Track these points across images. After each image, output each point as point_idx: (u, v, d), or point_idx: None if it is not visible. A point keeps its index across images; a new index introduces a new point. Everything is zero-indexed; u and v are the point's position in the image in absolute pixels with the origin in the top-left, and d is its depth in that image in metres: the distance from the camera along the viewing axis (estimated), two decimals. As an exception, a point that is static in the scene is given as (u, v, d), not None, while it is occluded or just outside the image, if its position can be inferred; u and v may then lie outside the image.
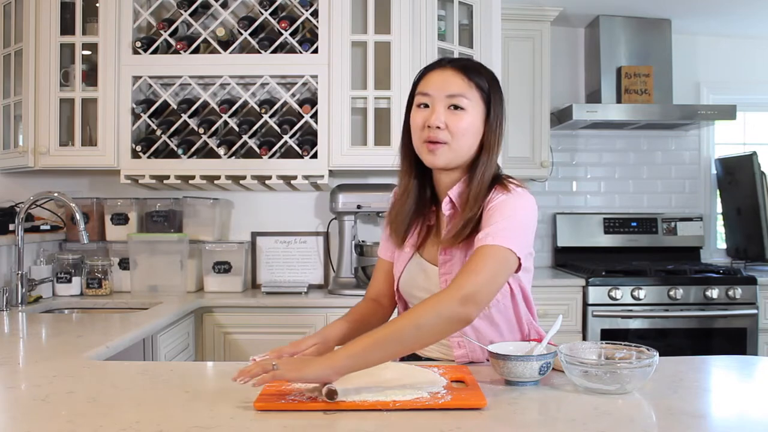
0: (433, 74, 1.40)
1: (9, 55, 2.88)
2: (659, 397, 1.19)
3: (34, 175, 3.02)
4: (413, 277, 1.49)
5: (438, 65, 1.42)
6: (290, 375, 1.13)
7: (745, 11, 3.58)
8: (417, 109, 1.40)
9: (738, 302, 3.23)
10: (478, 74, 1.40)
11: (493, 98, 1.40)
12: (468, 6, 2.98)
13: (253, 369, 1.13)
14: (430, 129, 1.36)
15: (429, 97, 1.38)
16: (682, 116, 3.53)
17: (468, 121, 1.37)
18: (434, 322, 1.20)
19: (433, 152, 1.37)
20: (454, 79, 1.38)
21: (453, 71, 1.38)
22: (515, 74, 3.48)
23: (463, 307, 1.21)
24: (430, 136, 1.36)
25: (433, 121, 1.35)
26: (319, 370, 1.14)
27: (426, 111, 1.38)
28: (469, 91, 1.37)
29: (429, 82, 1.39)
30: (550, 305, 3.20)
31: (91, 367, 1.46)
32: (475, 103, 1.38)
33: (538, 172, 3.55)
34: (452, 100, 1.36)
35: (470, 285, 1.22)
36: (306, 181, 2.81)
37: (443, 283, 1.40)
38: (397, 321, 1.22)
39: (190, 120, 2.79)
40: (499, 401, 1.17)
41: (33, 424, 1.07)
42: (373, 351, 1.17)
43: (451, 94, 1.36)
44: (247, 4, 2.89)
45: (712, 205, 4.02)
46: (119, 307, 2.64)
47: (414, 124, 1.40)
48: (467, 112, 1.37)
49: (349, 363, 1.15)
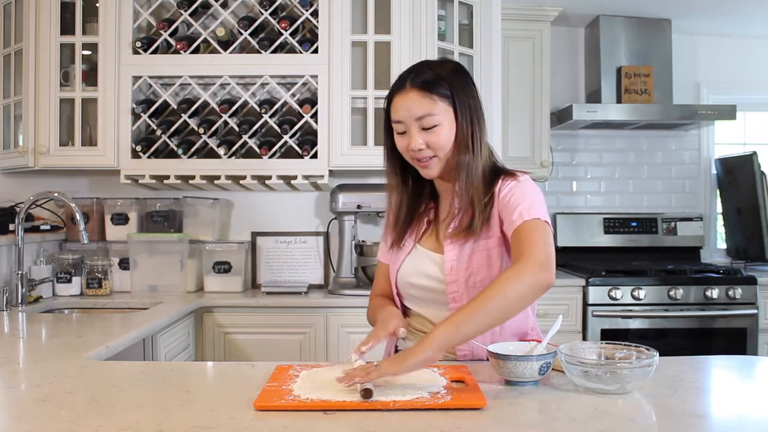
0: (398, 99, 1.43)
1: (9, 55, 2.88)
2: (659, 397, 1.19)
3: (34, 175, 3.02)
4: (416, 265, 1.51)
5: (400, 87, 1.43)
6: (394, 369, 1.19)
7: (745, 11, 3.58)
8: (398, 135, 1.46)
9: (738, 302, 3.23)
10: (438, 84, 1.41)
11: (458, 98, 1.42)
12: (468, 6, 2.98)
13: (358, 372, 1.18)
14: (414, 152, 1.42)
15: (402, 124, 1.43)
16: (682, 116, 3.53)
17: (444, 135, 1.42)
18: (520, 290, 1.26)
19: (426, 167, 1.45)
20: (418, 102, 1.40)
21: (415, 92, 1.40)
22: (515, 74, 3.48)
23: (543, 273, 1.28)
24: (417, 157, 1.44)
25: (414, 146, 1.41)
26: (420, 356, 1.20)
27: (405, 136, 1.44)
28: (434, 107, 1.40)
29: (397, 109, 1.43)
30: (550, 305, 3.20)
31: (91, 367, 1.46)
32: (444, 113, 1.41)
33: (538, 172, 3.55)
34: (422, 123, 1.41)
35: (540, 253, 1.29)
36: (306, 181, 2.81)
37: (449, 270, 1.44)
38: (483, 293, 1.26)
39: (190, 120, 2.79)
40: (499, 401, 1.17)
41: (33, 424, 1.07)
42: (465, 324, 1.23)
43: (419, 116, 1.40)
44: (247, 4, 2.89)
45: (712, 205, 4.02)
46: (119, 307, 2.64)
47: (400, 149, 1.47)
48: (441, 126, 1.41)
49: (445, 339, 1.21)
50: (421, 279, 1.50)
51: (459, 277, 1.44)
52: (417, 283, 1.51)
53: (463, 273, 1.44)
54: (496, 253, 1.44)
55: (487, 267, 1.44)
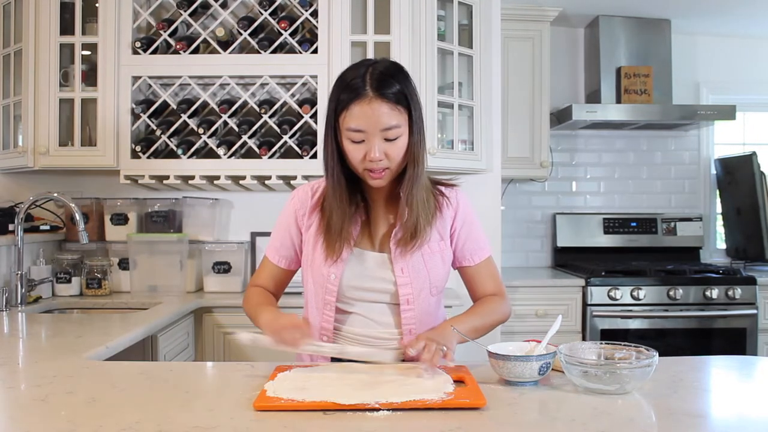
0: (360, 108, 1.36)
1: (9, 55, 2.87)
2: (659, 397, 1.19)
3: (33, 175, 3.02)
4: (363, 269, 1.49)
5: (361, 95, 1.36)
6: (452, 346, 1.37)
7: (745, 11, 3.58)
8: (352, 144, 1.39)
9: (738, 302, 3.23)
10: (403, 95, 1.39)
11: (414, 110, 1.41)
12: (468, 6, 2.98)
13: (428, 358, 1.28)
14: (372, 162, 1.38)
15: (362, 134, 1.38)
16: (682, 116, 3.53)
17: (401, 144, 1.41)
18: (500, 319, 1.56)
19: (379, 178, 1.42)
20: (388, 114, 1.37)
21: (380, 103, 1.36)
22: (515, 74, 3.48)
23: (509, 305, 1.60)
24: (373, 168, 1.40)
25: (375, 157, 1.37)
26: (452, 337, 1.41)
27: (362, 146, 1.39)
28: (399, 117, 1.39)
29: (359, 118, 1.37)
30: (550, 305, 3.21)
31: (91, 367, 1.46)
32: (404, 124, 1.40)
33: (537, 172, 3.55)
34: (387, 134, 1.38)
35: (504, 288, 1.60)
36: (306, 181, 2.80)
37: (399, 272, 1.47)
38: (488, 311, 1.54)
39: (190, 120, 2.79)
40: (499, 401, 1.17)
41: (33, 424, 1.07)
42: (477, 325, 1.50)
43: (386, 128, 1.37)
44: (247, 5, 2.88)
45: (711, 205, 4.02)
46: (119, 307, 2.64)
47: (352, 156, 1.40)
48: (402, 137, 1.40)
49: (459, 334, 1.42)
50: (370, 282, 1.48)
51: (412, 280, 1.47)
52: (364, 286, 1.49)
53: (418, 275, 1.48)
54: (448, 255, 1.53)
55: (443, 266, 1.52)
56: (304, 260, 1.56)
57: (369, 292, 1.49)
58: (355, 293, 1.50)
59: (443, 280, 1.54)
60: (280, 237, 1.59)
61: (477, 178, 3.05)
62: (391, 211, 1.52)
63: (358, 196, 1.50)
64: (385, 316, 1.49)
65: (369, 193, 1.52)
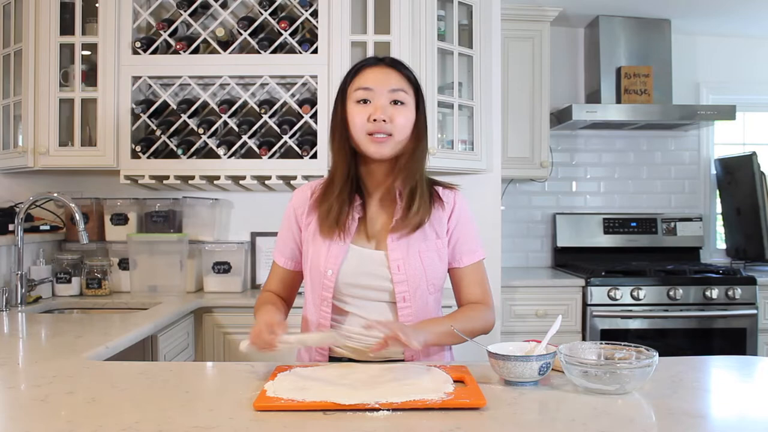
0: (371, 70, 1.46)
1: (9, 55, 2.87)
2: (659, 397, 1.19)
3: (33, 175, 3.02)
4: (360, 265, 1.49)
5: (373, 62, 1.48)
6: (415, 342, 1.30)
7: (745, 11, 3.58)
8: (357, 104, 1.44)
9: (737, 302, 3.24)
10: (408, 70, 1.50)
11: (421, 95, 1.50)
12: (468, 6, 2.98)
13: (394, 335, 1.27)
14: (376, 122, 1.41)
15: (370, 92, 1.43)
16: (682, 116, 3.53)
17: (407, 116, 1.45)
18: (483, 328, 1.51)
19: (379, 143, 1.43)
20: (394, 75, 1.46)
21: (390, 68, 1.47)
22: (515, 74, 3.48)
23: (494, 316, 1.55)
24: (376, 129, 1.42)
25: (379, 115, 1.41)
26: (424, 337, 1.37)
27: (368, 106, 1.43)
28: (406, 86, 1.46)
29: (369, 78, 1.45)
30: (550, 305, 3.21)
31: (91, 367, 1.46)
32: (410, 97, 1.47)
33: (537, 172, 3.55)
34: (394, 95, 1.43)
35: (491, 299, 1.57)
36: (306, 181, 2.80)
37: (395, 269, 1.47)
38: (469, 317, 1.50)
39: (190, 120, 2.79)
40: (498, 401, 1.17)
41: (33, 424, 1.07)
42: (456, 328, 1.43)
43: (393, 88, 1.43)
44: (247, 5, 2.89)
45: (711, 205, 4.02)
46: (119, 308, 2.64)
47: (355, 119, 1.43)
48: (406, 107, 1.45)
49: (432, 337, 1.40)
50: (366, 278, 1.48)
51: (409, 278, 1.47)
52: (361, 283, 1.49)
53: (414, 272, 1.47)
54: (444, 253, 1.52)
55: (440, 264, 1.51)
56: (304, 258, 1.57)
57: (366, 289, 1.49)
58: (352, 290, 1.50)
59: (440, 278, 1.54)
60: (284, 238, 1.61)
61: (477, 178, 3.05)
62: (388, 209, 1.52)
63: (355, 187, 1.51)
64: (382, 315, 1.49)
65: (367, 186, 1.52)
